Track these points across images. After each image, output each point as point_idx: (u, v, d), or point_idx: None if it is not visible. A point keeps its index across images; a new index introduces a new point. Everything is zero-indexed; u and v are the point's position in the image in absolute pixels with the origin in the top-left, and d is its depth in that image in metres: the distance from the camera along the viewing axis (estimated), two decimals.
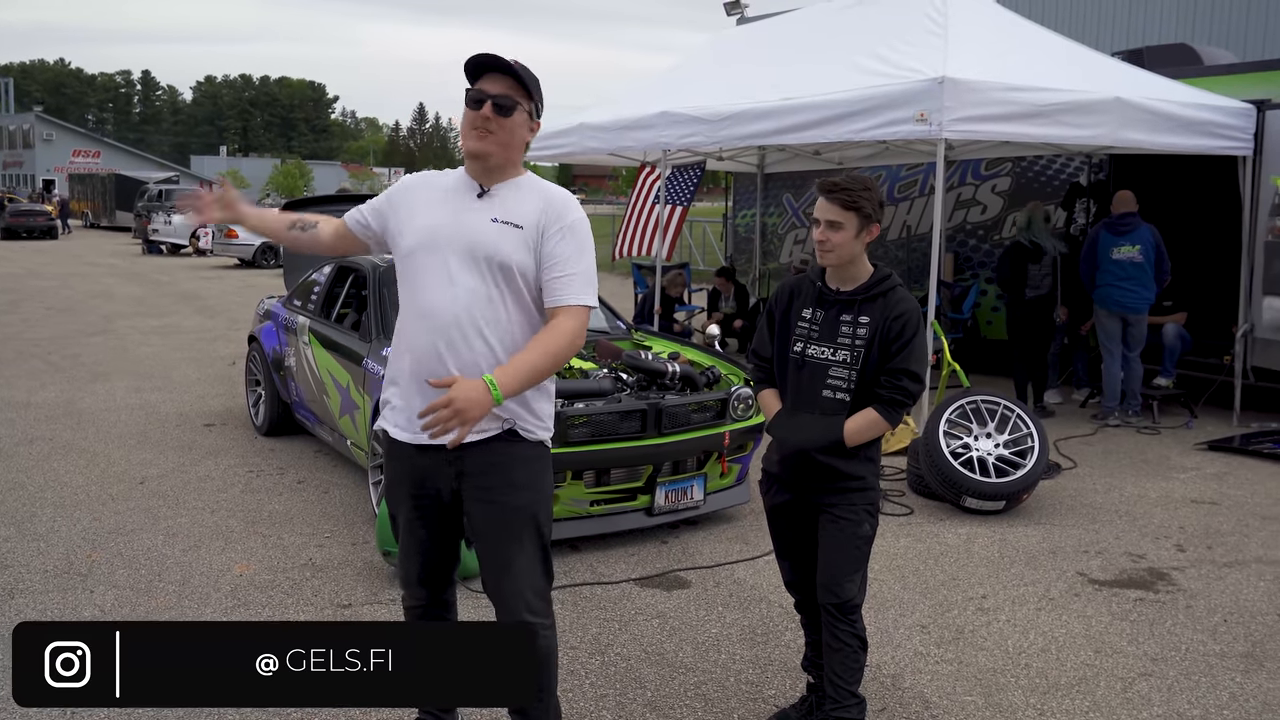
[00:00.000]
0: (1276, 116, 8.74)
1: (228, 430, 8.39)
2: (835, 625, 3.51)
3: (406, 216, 3.17)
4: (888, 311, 3.44)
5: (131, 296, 19.10)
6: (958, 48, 7.76)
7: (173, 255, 31.18)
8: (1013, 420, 6.70)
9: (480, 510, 3.11)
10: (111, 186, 45.89)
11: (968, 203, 11.85)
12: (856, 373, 3.46)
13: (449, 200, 3.13)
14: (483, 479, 3.09)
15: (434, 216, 3.11)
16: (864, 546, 3.53)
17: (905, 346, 3.42)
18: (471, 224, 3.06)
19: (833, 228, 3.42)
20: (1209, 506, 6.76)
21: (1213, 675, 4.36)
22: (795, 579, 3.80)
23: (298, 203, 9.25)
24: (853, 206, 3.39)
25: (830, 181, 3.45)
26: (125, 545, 5.67)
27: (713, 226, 26.99)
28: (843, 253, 3.45)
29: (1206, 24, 18.36)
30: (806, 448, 3.51)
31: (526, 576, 3.12)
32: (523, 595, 3.11)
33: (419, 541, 3.24)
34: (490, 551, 3.14)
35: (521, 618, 3.09)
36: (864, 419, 3.45)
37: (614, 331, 7.26)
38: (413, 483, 3.17)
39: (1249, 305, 9.04)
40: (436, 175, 3.27)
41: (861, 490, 3.52)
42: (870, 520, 3.54)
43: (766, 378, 3.74)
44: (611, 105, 11.39)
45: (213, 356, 12.15)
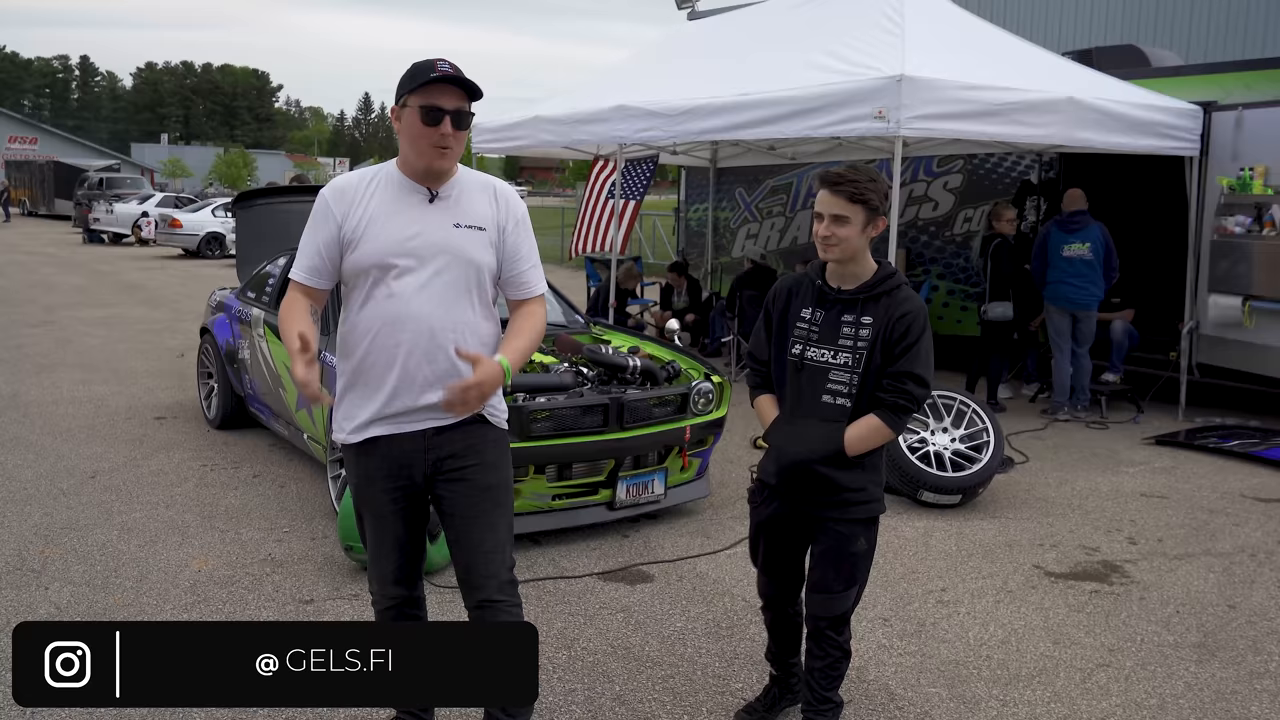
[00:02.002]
0: (1223, 118, 8.93)
1: (179, 423, 8.26)
2: (823, 638, 3.41)
3: (361, 227, 3.06)
4: (891, 311, 3.24)
5: (73, 286, 18.73)
6: (915, 46, 7.82)
7: (114, 245, 30.62)
8: (969, 415, 6.79)
9: (455, 490, 3.17)
10: (50, 174, 44.98)
11: (919, 199, 11.97)
12: (858, 376, 3.26)
13: (402, 207, 3.09)
14: (457, 460, 3.16)
15: (395, 226, 3.06)
16: (861, 563, 3.38)
17: (910, 348, 3.22)
18: (437, 231, 3.08)
19: (838, 222, 3.22)
20: (1158, 500, 6.90)
21: (1168, 665, 4.45)
22: (775, 594, 3.65)
23: (250, 194, 9.12)
24: (860, 199, 3.20)
25: (834, 173, 3.24)
26: (79, 541, 5.57)
27: (663, 220, 27.03)
28: (847, 248, 3.25)
29: (1151, 25, 18.69)
30: (806, 460, 3.31)
31: (498, 556, 3.19)
32: (496, 576, 3.17)
33: (395, 538, 3.23)
34: (464, 532, 3.18)
35: (493, 597, 3.15)
36: (866, 426, 3.26)
37: (572, 325, 7.24)
38: (388, 474, 3.17)
39: (1195, 303, 9.23)
40: (363, 179, 3.14)
41: (863, 503, 3.34)
42: (866, 534, 3.37)
43: (763, 382, 3.53)
44: (566, 98, 11.36)
45: (160, 348, 11.95)
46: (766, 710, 3.82)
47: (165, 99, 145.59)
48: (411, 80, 3.02)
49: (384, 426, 3.14)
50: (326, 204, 3.12)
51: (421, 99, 3.01)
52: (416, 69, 3.06)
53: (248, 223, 8.88)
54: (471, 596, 3.19)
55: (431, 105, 3.00)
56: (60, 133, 73.03)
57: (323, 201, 3.13)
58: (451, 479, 3.17)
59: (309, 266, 3.13)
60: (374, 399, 3.14)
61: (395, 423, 3.12)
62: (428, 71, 3.01)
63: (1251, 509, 6.74)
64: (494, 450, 3.23)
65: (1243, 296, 8.79)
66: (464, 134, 3.07)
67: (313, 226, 3.14)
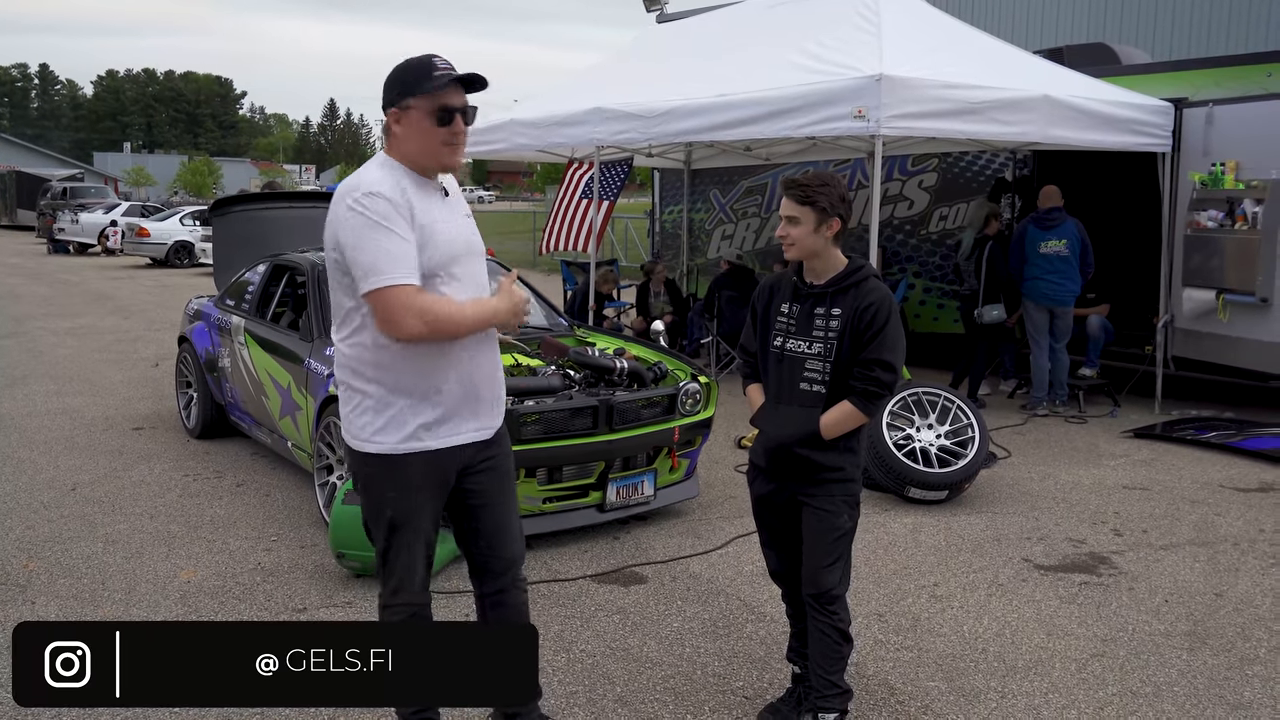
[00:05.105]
0: (1194, 114, 9.04)
1: (158, 434, 8.18)
2: (815, 616, 3.57)
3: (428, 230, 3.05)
4: (858, 301, 3.48)
5: (39, 297, 18.52)
6: (891, 45, 7.87)
7: (80, 255, 30.30)
8: (953, 411, 6.83)
9: (486, 480, 3.30)
10: (12, 184, 44.37)
11: (895, 198, 12.03)
12: (830, 364, 3.50)
13: (434, 206, 3.13)
14: (490, 449, 3.31)
15: (450, 227, 3.14)
16: (844, 538, 3.58)
17: (876, 335, 3.44)
18: (466, 226, 3.24)
19: (791, 222, 3.52)
20: (1140, 492, 6.97)
21: (1160, 654, 4.50)
22: (780, 569, 3.84)
23: (226, 200, 9.04)
24: (808, 201, 3.48)
25: (789, 179, 3.55)
26: (63, 554, 5.50)
27: (635, 222, 27.03)
28: (802, 246, 3.52)
29: (1117, 24, 18.88)
30: (785, 441, 3.56)
31: (519, 535, 3.44)
32: (517, 557, 3.40)
33: (427, 544, 3.27)
34: (493, 515, 3.34)
35: (516, 577, 3.39)
36: (840, 411, 3.49)
37: (556, 328, 7.23)
38: (438, 483, 3.21)
39: (1169, 297, 9.34)
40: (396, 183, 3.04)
41: (841, 482, 3.56)
42: (850, 512, 3.59)
43: (753, 372, 3.80)
44: (541, 101, 11.35)
45: (134, 358, 11.82)
46: (791, 710, 3.83)
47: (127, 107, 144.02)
48: (417, 83, 3.02)
49: (436, 439, 3.15)
50: (398, 205, 2.98)
51: (431, 101, 3.03)
52: (415, 70, 3.05)
53: (224, 230, 8.79)
54: (497, 581, 3.33)
55: (444, 106, 3.04)
56: (21, 142, 72.22)
57: (386, 205, 2.96)
58: (482, 470, 3.28)
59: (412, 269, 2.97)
60: (426, 412, 3.11)
61: (448, 435, 3.17)
62: (430, 72, 3.02)
63: (1232, 499, 6.82)
64: (508, 439, 3.42)
65: (1216, 290, 8.89)
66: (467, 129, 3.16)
67: (391, 230, 2.96)
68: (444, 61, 3.07)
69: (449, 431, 3.16)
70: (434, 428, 3.13)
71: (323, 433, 5.90)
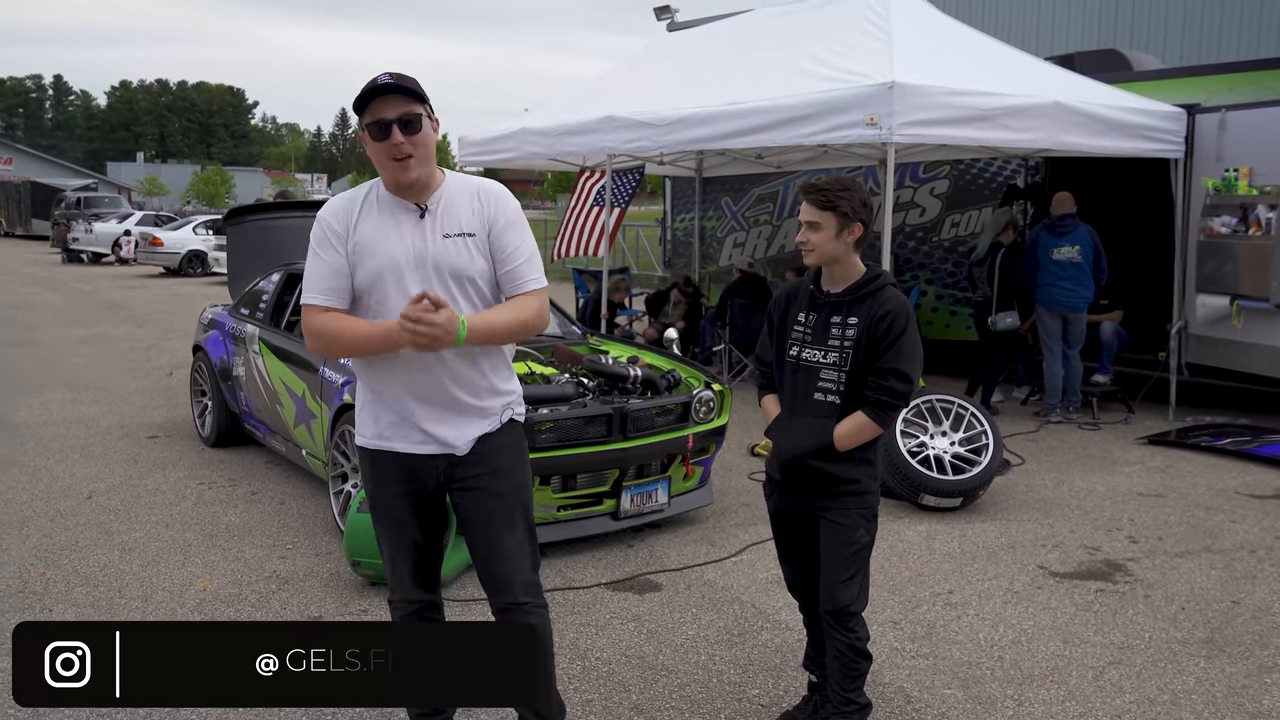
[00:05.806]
0: (1206, 120, 9.02)
1: (173, 442, 8.21)
2: (833, 634, 3.51)
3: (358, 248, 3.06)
4: (875, 310, 3.42)
5: (54, 306, 18.62)
6: (902, 53, 7.88)
7: (94, 264, 30.42)
8: (967, 418, 6.82)
9: (469, 499, 3.19)
10: (27, 194, 44.61)
11: (906, 205, 12.02)
12: (845, 374, 3.44)
13: (391, 224, 3.07)
14: (467, 469, 3.17)
15: (391, 244, 3.05)
16: (861, 553, 3.49)
17: (892, 345, 3.38)
18: (429, 245, 3.06)
19: (811, 228, 3.47)
20: (1155, 499, 6.95)
21: (1178, 661, 4.48)
22: (797, 581, 3.79)
23: (241, 210, 9.09)
24: (829, 206, 3.42)
25: (810, 183, 3.51)
26: (80, 562, 5.52)
27: (646, 230, 27.05)
28: (823, 252, 3.47)
29: (1127, 30, 18.86)
30: (799, 454, 3.51)
31: (516, 560, 3.20)
32: (513, 579, 3.19)
33: (410, 541, 3.24)
34: (481, 538, 3.20)
35: (517, 599, 3.17)
36: (853, 423, 3.43)
37: (569, 336, 7.24)
38: (401, 480, 3.18)
39: (1183, 303, 9.31)
40: (354, 200, 3.12)
41: (857, 494, 3.49)
42: (866, 525, 3.51)
43: (769, 382, 3.74)
44: (551, 110, 11.38)
45: (148, 367, 11.88)
46: (807, 718, 3.81)
47: (140, 117, 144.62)
48: (357, 105, 3.00)
49: (394, 442, 3.17)
50: (328, 226, 3.09)
51: (367, 117, 2.99)
52: (360, 91, 3.01)
53: (239, 239, 8.84)
54: (497, 600, 3.21)
55: (375, 120, 2.98)
56: (35, 152, 72.58)
57: (324, 225, 3.09)
58: (465, 488, 3.18)
59: (326, 289, 3.06)
60: (385, 414, 3.17)
61: (405, 441, 3.16)
62: (365, 88, 2.98)
63: (1248, 506, 6.79)
64: (507, 457, 3.23)
65: (1230, 296, 8.86)
66: (421, 137, 3.00)
67: (318, 251, 3.08)
68: (385, 75, 3.00)
69: (403, 437, 3.15)
70: (393, 429, 3.16)
71: (337, 441, 5.92)
